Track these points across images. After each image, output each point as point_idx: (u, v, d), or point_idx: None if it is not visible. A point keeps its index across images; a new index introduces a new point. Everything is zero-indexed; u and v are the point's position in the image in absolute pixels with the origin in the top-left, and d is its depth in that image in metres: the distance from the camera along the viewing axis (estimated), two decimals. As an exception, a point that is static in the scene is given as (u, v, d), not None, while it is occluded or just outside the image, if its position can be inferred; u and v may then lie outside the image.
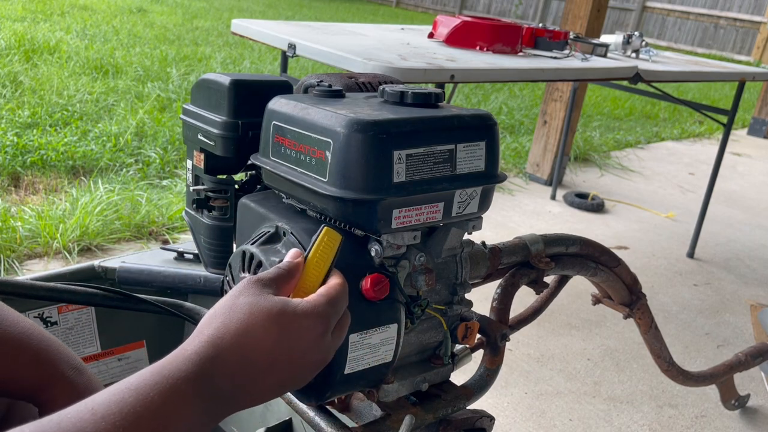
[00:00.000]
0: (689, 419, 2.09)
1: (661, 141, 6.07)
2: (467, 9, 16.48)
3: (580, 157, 4.95)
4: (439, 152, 0.74)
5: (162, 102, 4.65)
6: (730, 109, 3.17)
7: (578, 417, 2.03)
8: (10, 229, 2.57)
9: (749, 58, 12.28)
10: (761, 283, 3.19)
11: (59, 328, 1.17)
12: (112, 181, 3.24)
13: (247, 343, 0.54)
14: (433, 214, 0.76)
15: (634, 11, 14.46)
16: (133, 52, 6.04)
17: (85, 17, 7.58)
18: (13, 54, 5.20)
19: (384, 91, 0.80)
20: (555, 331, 2.51)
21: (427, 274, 0.80)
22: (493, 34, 2.42)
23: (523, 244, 1.07)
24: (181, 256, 1.31)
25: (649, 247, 3.45)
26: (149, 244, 2.76)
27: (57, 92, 4.42)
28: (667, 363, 1.57)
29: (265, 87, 0.90)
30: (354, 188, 0.70)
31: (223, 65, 6.11)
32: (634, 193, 4.35)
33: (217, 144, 0.91)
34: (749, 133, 6.86)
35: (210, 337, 0.54)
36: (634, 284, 1.31)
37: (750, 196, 4.66)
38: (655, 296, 2.89)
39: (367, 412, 0.87)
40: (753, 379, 2.31)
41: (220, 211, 0.98)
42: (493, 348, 0.98)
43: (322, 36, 2.29)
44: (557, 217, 3.72)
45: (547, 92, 4.16)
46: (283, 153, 0.78)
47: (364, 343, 0.73)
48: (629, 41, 3.04)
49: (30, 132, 3.64)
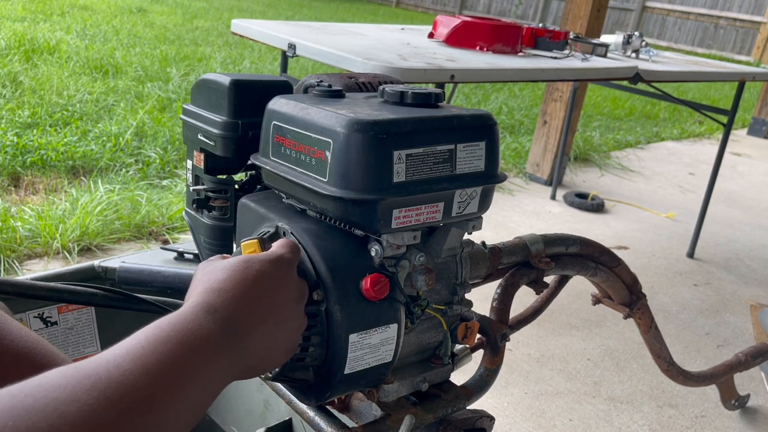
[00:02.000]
0: (689, 419, 2.09)
1: (661, 141, 6.07)
2: (467, 9, 16.48)
3: (580, 157, 4.95)
4: (439, 152, 0.74)
5: (162, 102, 4.65)
6: (730, 109, 3.17)
7: (578, 417, 2.03)
8: (10, 229, 2.58)
9: (749, 58, 12.28)
10: (761, 283, 3.19)
11: (59, 328, 1.17)
12: (112, 181, 3.24)
13: (231, 290, 0.60)
14: (433, 214, 0.76)
15: (634, 11, 14.46)
16: (133, 52, 6.04)
17: (85, 17, 7.58)
18: (13, 54, 5.20)
19: (384, 91, 0.80)
20: (555, 331, 2.51)
21: (427, 274, 0.80)
22: (493, 34, 2.42)
23: (523, 244, 1.07)
24: (181, 256, 1.31)
25: (649, 247, 3.45)
26: (149, 244, 2.76)
27: (57, 92, 4.42)
28: (667, 363, 1.57)
29: (265, 87, 0.90)
30: (354, 188, 0.70)
31: (223, 65, 6.11)
32: (634, 193, 4.35)
33: (217, 144, 0.91)
34: (749, 133, 6.86)
35: (201, 292, 0.60)
36: (634, 284, 1.31)
37: (750, 196, 4.66)
38: (655, 296, 2.89)
39: (367, 412, 0.87)
40: (753, 379, 2.31)
41: (220, 211, 0.98)
42: (493, 348, 0.98)
43: (322, 36, 2.29)
44: (557, 217, 3.72)
45: (547, 92, 4.16)
46: (283, 153, 0.78)
47: (364, 343, 0.73)
48: (629, 41, 3.04)
49: (30, 132, 3.64)
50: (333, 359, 0.72)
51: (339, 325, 0.71)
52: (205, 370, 0.52)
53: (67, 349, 1.20)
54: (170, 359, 0.50)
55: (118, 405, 0.44)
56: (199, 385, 0.52)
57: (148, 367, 0.48)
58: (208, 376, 0.53)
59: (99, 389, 0.44)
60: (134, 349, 0.49)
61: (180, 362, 0.50)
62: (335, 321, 0.71)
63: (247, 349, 0.59)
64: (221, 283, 0.60)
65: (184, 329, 0.53)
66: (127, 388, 0.46)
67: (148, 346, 0.50)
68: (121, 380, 0.46)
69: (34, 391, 0.43)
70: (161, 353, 0.50)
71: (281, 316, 0.64)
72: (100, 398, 0.44)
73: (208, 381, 0.53)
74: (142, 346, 0.50)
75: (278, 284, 0.64)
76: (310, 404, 0.82)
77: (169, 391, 0.49)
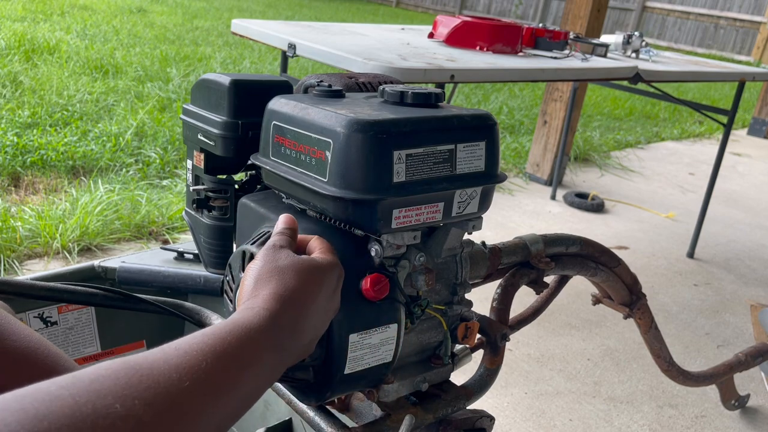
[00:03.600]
0: (689, 419, 2.09)
1: (661, 141, 6.07)
2: (467, 9, 16.48)
3: (580, 157, 4.95)
4: (439, 152, 0.74)
5: (162, 102, 4.65)
6: (730, 109, 3.17)
7: (578, 417, 2.03)
8: (10, 229, 2.57)
9: (749, 58, 12.28)
10: (761, 283, 3.19)
11: (59, 328, 1.17)
12: (112, 181, 3.24)
13: (300, 298, 0.62)
14: (433, 214, 0.76)
15: (634, 11, 14.46)
16: (133, 52, 6.04)
17: (85, 17, 7.58)
18: (13, 54, 5.20)
19: (384, 91, 0.80)
20: (555, 331, 2.51)
21: (427, 274, 0.80)
22: (493, 34, 2.42)
23: (523, 244, 1.07)
24: (181, 256, 1.31)
25: (649, 247, 3.45)
26: (149, 244, 2.76)
27: (57, 92, 4.42)
28: (667, 363, 1.57)
29: (265, 87, 0.90)
30: (354, 188, 0.70)
31: (223, 65, 6.11)
32: (634, 193, 4.35)
33: (217, 144, 0.91)
34: (749, 133, 6.86)
35: (271, 294, 0.60)
36: (634, 284, 1.31)
37: (750, 196, 4.66)
38: (655, 296, 2.89)
39: (367, 412, 0.87)
40: (753, 379, 2.31)
41: (220, 211, 0.98)
42: (493, 348, 0.98)
43: (322, 36, 2.29)
44: (557, 217, 3.72)
45: (547, 92, 4.16)
46: (283, 153, 0.78)
47: (364, 343, 0.73)
48: (629, 41, 3.04)
49: (30, 132, 3.64)
50: (333, 359, 0.72)
51: (339, 325, 0.71)
52: (259, 370, 0.54)
53: (67, 349, 1.20)
54: (229, 361, 0.51)
55: (166, 399, 0.44)
56: (252, 383, 0.53)
57: (205, 370, 0.48)
58: (260, 374, 0.54)
59: (152, 381, 0.44)
60: (194, 347, 0.50)
61: (238, 364, 0.51)
62: (335, 321, 0.71)
63: (296, 349, 0.61)
64: (294, 292, 0.61)
65: (249, 332, 0.54)
66: (174, 382, 0.45)
67: (209, 348, 0.50)
68: (173, 375, 0.46)
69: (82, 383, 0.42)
70: (221, 355, 0.50)
71: (325, 320, 0.67)
72: (150, 389, 0.43)
73: (260, 379, 0.54)
74: (201, 346, 0.50)
75: (336, 292, 0.68)
76: (310, 404, 0.82)
77: (223, 390, 0.49)
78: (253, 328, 0.55)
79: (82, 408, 0.39)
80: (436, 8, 16.90)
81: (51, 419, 0.37)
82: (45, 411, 0.38)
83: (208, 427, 0.47)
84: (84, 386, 0.41)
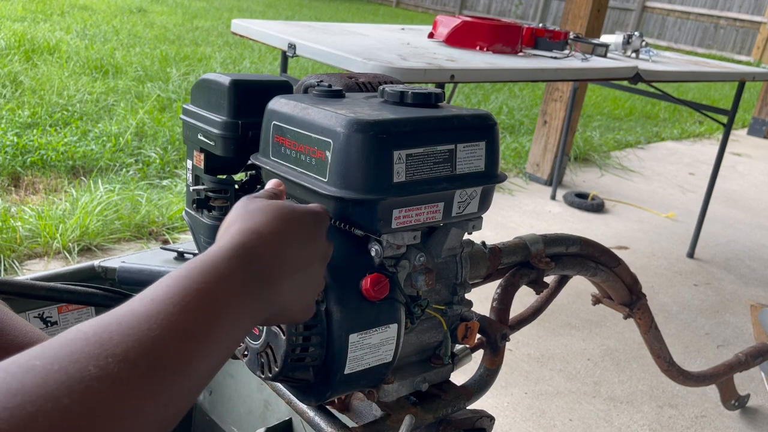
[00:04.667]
0: (689, 419, 2.09)
1: (661, 141, 6.07)
2: (467, 9, 16.48)
3: (580, 157, 4.95)
4: (439, 152, 0.74)
5: (162, 102, 4.65)
6: (730, 109, 3.17)
7: (578, 417, 2.03)
8: (10, 229, 2.58)
9: (749, 58, 12.28)
10: (761, 283, 3.19)
11: (59, 328, 1.17)
12: (112, 181, 3.24)
13: (269, 235, 0.58)
14: (433, 214, 0.76)
15: (634, 11, 14.46)
16: (133, 52, 6.04)
17: (85, 17, 7.58)
18: (13, 54, 5.20)
19: (384, 91, 0.80)
20: (555, 331, 2.51)
21: (427, 274, 0.80)
22: (493, 34, 2.42)
23: (523, 244, 1.07)
24: (181, 256, 1.31)
25: (649, 247, 3.45)
26: (149, 244, 2.76)
27: (57, 92, 4.42)
28: (667, 363, 1.57)
29: (265, 87, 0.90)
30: (354, 188, 0.70)
31: (223, 65, 6.11)
32: (634, 193, 4.35)
33: (217, 144, 0.90)
34: (749, 133, 6.86)
35: (238, 230, 0.57)
36: (634, 284, 1.31)
37: (750, 196, 4.66)
38: (655, 296, 2.89)
39: (367, 412, 0.87)
40: (753, 379, 2.31)
41: (220, 211, 0.98)
42: (493, 348, 0.98)
43: (322, 36, 2.29)
44: (557, 217, 3.72)
45: (547, 92, 4.16)
46: (283, 153, 0.78)
47: (364, 343, 0.73)
48: (629, 41, 3.04)
49: (30, 132, 3.64)
50: (333, 359, 0.72)
51: (339, 325, 0.71)
52: (233, 313, 0.50)
53: (67, 349, 1.20)
54: (198, 302, 0.48)
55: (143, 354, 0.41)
56: (227, 329, 0.50)
57: (175, 314, 0.45)
58: (235, 320, 0.51)
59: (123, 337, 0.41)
60: (159, 294, 0.47)
61: (208, 305, 0.48)
62: (335, 321, 0.71)
63: (274, 297, 0.58)
64: (261, 226, 0.58)
65: (216, 269, 0.51)
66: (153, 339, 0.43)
67: (176, 291, 0.47)
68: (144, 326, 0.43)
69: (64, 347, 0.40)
70: (189, 298, 0.47)
71: (308, 271, 0.63)
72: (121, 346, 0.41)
73: (234, 325, 0.51)
74: (167, 291, 0.47)
75: (313, 238, 0.63)
76: (310, 404, 0.82)
77: (196, 335, 0.46)
78: (219, 262, 0.52)
79: (55, 375, 0.38)
80: (436, 8, 16.90)
81: (24, 392, 0.36)
82: (18, 385, 0.36)
83: (192, 380, 0.45)
84: (54, 353, 0.39)
